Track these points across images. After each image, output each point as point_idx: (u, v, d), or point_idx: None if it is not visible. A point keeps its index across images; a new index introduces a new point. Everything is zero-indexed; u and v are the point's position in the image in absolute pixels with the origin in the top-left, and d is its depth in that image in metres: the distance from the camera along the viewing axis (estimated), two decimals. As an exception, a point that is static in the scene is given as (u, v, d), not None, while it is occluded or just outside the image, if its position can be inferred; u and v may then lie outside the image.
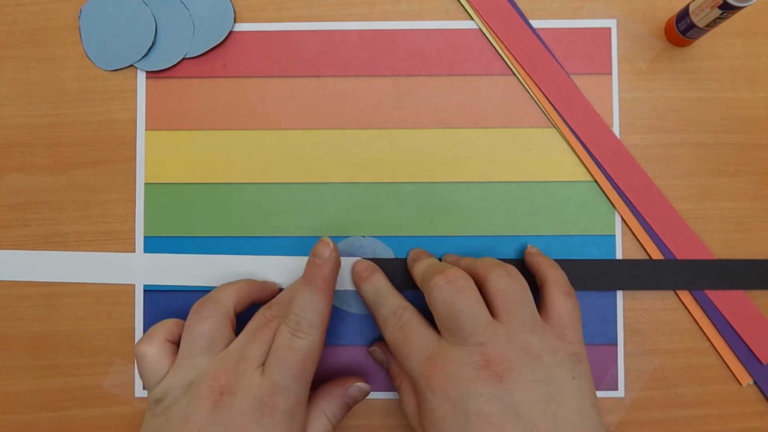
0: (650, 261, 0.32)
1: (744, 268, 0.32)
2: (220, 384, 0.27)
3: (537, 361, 0.26)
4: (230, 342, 0.29)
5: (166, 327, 0.29)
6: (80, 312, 0.33)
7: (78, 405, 0.33)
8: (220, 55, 0.34)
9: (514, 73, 0.34)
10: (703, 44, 0.34)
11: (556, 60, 0.33)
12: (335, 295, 0.33)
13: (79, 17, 0.34)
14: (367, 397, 0.33)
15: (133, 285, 0.33)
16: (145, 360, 0.28)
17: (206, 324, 0.28)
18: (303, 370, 0.28)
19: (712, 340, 0.33)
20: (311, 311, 0.29)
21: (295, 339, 0.28)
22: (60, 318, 0.33)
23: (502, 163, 0.33)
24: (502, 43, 0.33)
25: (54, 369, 0.33)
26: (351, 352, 0.33)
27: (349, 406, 0.31)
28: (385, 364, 0.32)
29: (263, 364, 0.28)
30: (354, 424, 0.33)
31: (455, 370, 0.26)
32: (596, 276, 0.32)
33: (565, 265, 0.32)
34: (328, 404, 0.30)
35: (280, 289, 0.33)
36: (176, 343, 0.30)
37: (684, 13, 0.31)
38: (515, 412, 0.25)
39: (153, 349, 0.29)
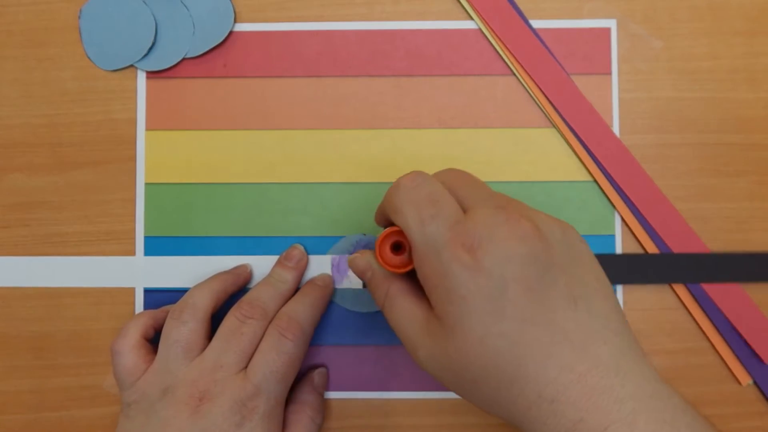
0: (648, 255, 0.32)
1: (743, 261, 0.32)
2: (199, 390, 0.27)
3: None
4: (206, 346, 0.29)
5: (141, 324, 0.30)
6: (80, 312, 0.33)
7: (78, 405, 0.33)
8: (220, 55, 0.34)
9: (514, 73, 0.34)
10: (703, 44, 0.34)
11: (556, 60, 0.33)
12: (335, 292, 0.33)
13: (79, 17, 0.34)
14: (366, 397, 0.33)
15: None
16: (122, 359, 0.29)
17: (184, 329, 0.28)
18: (287, 373, 0.28)
19: (712, 339, 0.33)
20: (303, 315, 0.29)
21: (284, 341, 0.28)
22: (60, 318, 0.33)
23: (502, 163, 0.33)
24: (502, 43, 0.33)
25: (54, 369, 0.33)
26: (351, 352, 0.33)
27: (322, 396, 0.32)
28: (367, 273, 0.27)
29: (243, 369, 0.28)
30: (354, 424, 0.33)
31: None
32: None
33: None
34: (311, 407, 0.31)
35: (251, 271, 0.33)
36: (151, 341, 0.30)
37: None
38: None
39: (129, 348, 0.29)
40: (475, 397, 0.23)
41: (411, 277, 0.26)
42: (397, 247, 0.25)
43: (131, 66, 0.34)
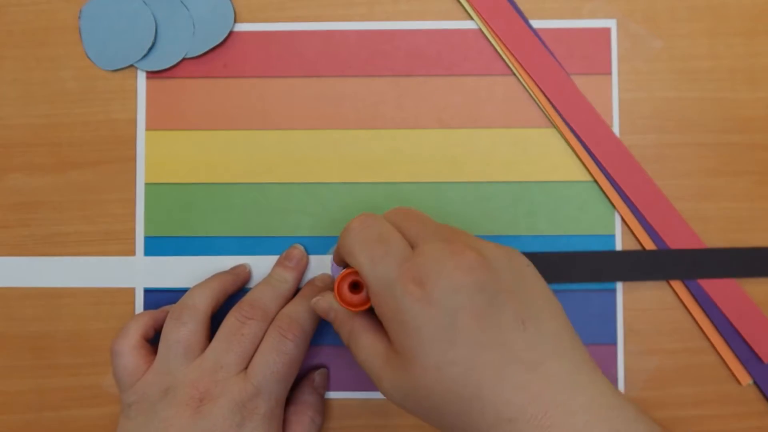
0: (646, 252, 0.32)
1: (741, 256, 0.32)
2: (200, 391, 0.27)
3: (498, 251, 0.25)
4: (206, 346, 0.29)
5: (141, 324, 0.30)
6: (80, 312, 0.33)
7: (78, 405, 0.33)
8: (220, 55, 0.34)
9: (514, 73, 0.34)
10: (703, 44, 0.34)
11: (556, 60, 0.33)
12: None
13: (79, 17, 0.34)
14: (366, 397, 0.33)
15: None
16: (122, 359, 0.29)
17: (184, 330, 0.28)
18: (287, 374, 0.28)
19: (711, 339, 0.33)
20: (304, 316, 0.30)
21: (284, 342, 0.28)
22: (60, 318, 0.33)
23: (502, 163, 0.33)
24: (502, 43, 0.33)
25: (54, 369, 0.33)
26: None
27: (323, 396, 0.32)
28: (330, 314, 0.28)
29: (243, 369, 0.28)
30: (354, 423, 0.33)
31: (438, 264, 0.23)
32: (592, 269, 0.32)
33: (559, 258, 0.32)
34: (312, 408, 0.31)
35: (250, 271, 0.33)
36: (151, 341, 0.30)
37: None
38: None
39: (129, 349, 0.29)
40: (439, 423, 0.24)
41: (371, 314, 0.27)
42: (356, 286, 0.26)
43: (131, 66, 0.34)
